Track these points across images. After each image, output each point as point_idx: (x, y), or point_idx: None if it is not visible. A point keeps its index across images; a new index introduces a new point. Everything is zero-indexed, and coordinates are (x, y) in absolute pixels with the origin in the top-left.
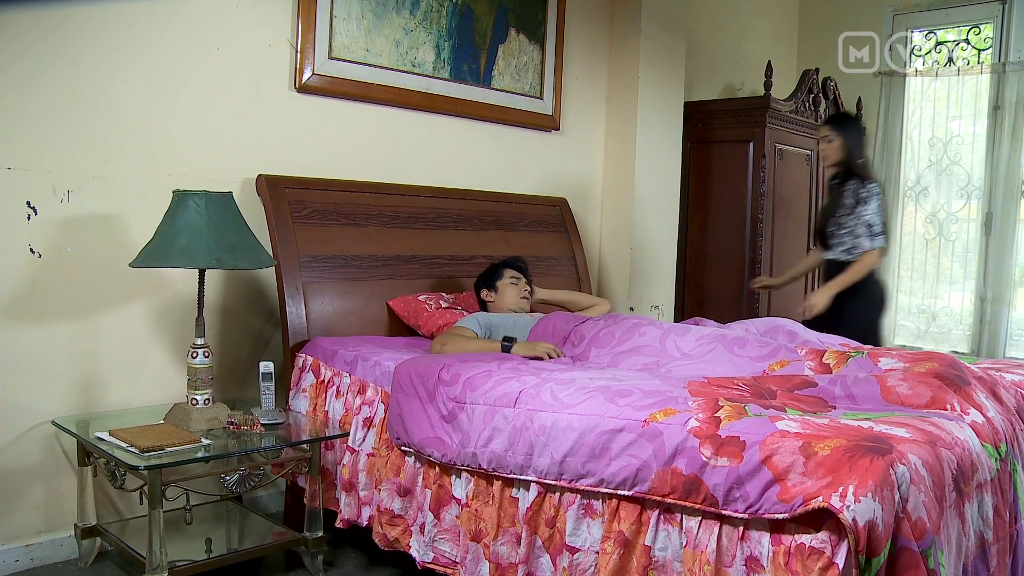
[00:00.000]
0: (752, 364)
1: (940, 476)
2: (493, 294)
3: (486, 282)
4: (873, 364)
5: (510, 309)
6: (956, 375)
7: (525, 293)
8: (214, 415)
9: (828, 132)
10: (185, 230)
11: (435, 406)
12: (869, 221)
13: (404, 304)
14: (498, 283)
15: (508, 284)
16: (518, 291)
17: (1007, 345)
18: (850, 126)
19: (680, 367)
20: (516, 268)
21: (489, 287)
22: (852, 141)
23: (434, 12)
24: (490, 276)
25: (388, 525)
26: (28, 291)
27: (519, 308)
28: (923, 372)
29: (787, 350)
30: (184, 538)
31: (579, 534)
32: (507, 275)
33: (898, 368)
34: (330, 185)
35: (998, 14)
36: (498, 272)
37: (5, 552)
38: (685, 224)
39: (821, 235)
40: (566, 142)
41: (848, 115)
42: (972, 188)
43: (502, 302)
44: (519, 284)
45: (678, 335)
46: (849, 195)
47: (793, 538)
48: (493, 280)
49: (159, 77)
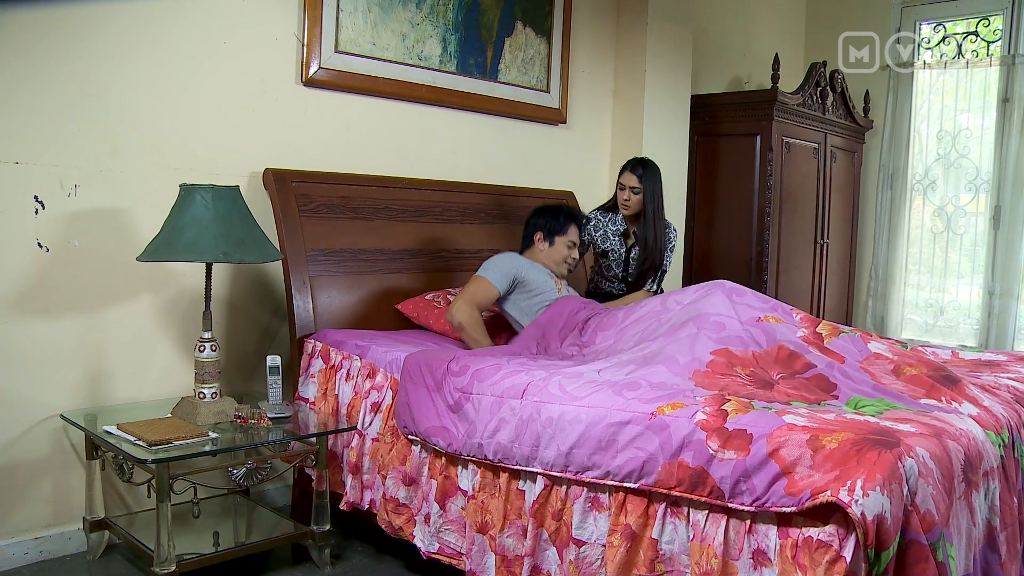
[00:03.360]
0: (749, 311)
1: (949, 468)
2: (546, 244)
3: (547, 228)
4: (863, 344)
5: (549, 267)
6: (945, 376)
7: (571, 262)
8: (221, 409)
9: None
10: (192, 224)
11: (442, 396)
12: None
13: (413, 306)
14: (557, 237)
15: (565, 245)
16: (569, 256)
17: (1015, 339)
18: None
19: (681, 311)
20: (580, 228)
21: (547, 235)
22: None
23: (440, 5)
24: (554, 224)
25: (393, 513)
26: (36, 285)
27: (558, 272)
28: (914, 375)
29: (783, 309)
30: (192, 531)
31: (586, 527)
32: (570, 234)
33: (886, 356)
34: (337, 179)
35: (1008, 6)
36: (564, 226)
37: (14, 545)
38: (692, 218)
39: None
40: (573, 135)
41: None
42: (981, 181)
43: (548, 257)
44: (573, 250)
45: (677, 293)
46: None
47: (800, 531)
48: (555, 231)
49: (166, 71)
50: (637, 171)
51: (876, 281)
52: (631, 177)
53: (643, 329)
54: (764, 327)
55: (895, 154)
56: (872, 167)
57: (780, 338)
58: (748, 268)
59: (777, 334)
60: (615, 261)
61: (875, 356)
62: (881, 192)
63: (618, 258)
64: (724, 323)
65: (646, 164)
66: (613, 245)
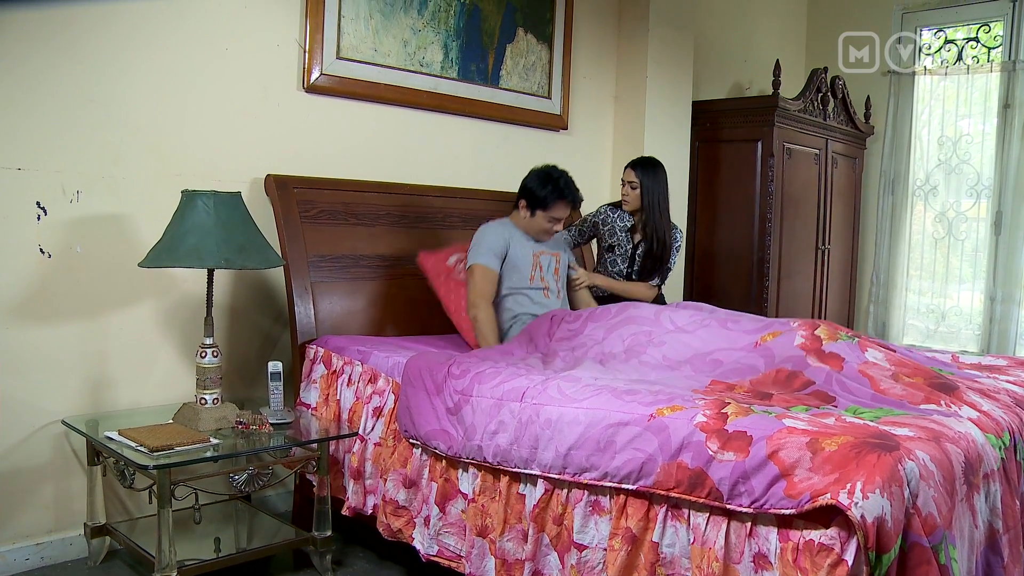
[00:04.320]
0: (745, 336)
1: (950, 471)
2: (527, 213)
3: (531, 198)
4: (861, 352)
5: (530, 234)
6: (943, 383)
7: (552, 234)
8: (223, 415)
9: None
10: (194, 230)
11: (442, 399)
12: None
13: (434, 263)
14: (539, 211)
15: (547, 220)
16: (551, 229)
17: (1017, 344)
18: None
19: (674, 338)
20: (572, 204)
21: (530, 205)
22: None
23: (442, 12)
24: (538, 197)
25: (392, 515)
26: (38, 291)
27: (538, 239)
28: (912, 382)
29: (780, 323)
30: (193, 537)
31: (587, 531)
32: (553, 211)
33: (884, 367)
34: (339, 185)
35: (1008, 11)
36: (547, 202)
37: (15, 551)
38: (693, 224)
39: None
40: (574, 142)
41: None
42: (982, 187)
43: (528, 225)
44: (556, 225)
45: (672, 311)
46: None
47: (801, 534)
48: (538, 205)
49: (168, 77)
50: (636, 168)
51: (877, 287)
52: (630, 172)
53: (634, 333)
54: (762, 350)
55: (896, 160)
56: (873, 173)
57: (779, 358)
58: (749, 274)
59: (776, 353)
60: (621, 256)
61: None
62: (882, 198)
63: (624, 253)
64: (721, 359)
65: (647, 161)
66: (620, 240)
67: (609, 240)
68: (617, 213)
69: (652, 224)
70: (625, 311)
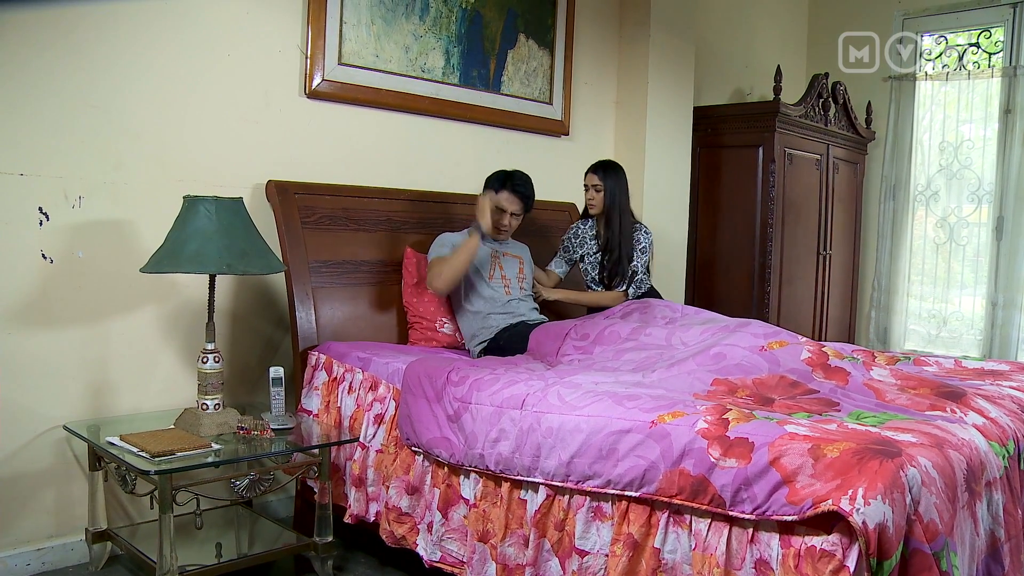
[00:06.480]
0: (753, 339)
1: (952, 478)
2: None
3: (487, 185)
4: (866, 370)
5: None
6: (951, 391)
7: (504, 228)
8: (224, 420)
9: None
10: (196, 236)
11: (442, 406)
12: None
13: (417, 260)
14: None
15: (496, 211)
16: (499, 222)
17: (1019, 350)
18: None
19: (684, 352)
20: (514, 193)
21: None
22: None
23: (443, 18)
24: (492, 182)
25: (395, 522)
26: (40, 296)
27: (495, 238)
28: (918, 392)
29: (788, 333)
30: (194, 543)
31: (588, 537)
32: (502, 199)
33: (891, 382)
34: (340, 190)
35: (1009, 17)
36: (497, 190)
37: (16, 556)
38: (695, 229)
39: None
40: (575, 147)
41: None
42: (983, 192)
43: (481, 217)
44: (503, 217)
45: (683, 332)
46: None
47: (803, 540)
48: (488, 189)
49: (170, 83)
50: (598, 171)
51: (879, 292)
52: (592, 176)
53: (643, 358)
54: (767, 355)
55: (897, 165)
56: (874, 178)
57: (784, 367)
58: (750, 279)
59: (780, 361)
60: (591, 264)
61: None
62: (883, 203)
63: (594, 261)
64: (725, 353)
65: (607, 163)
66: (589, 249)
67: (580, 251)
68: (587, 223)
69: (613, 226)
70: (636, 338)
